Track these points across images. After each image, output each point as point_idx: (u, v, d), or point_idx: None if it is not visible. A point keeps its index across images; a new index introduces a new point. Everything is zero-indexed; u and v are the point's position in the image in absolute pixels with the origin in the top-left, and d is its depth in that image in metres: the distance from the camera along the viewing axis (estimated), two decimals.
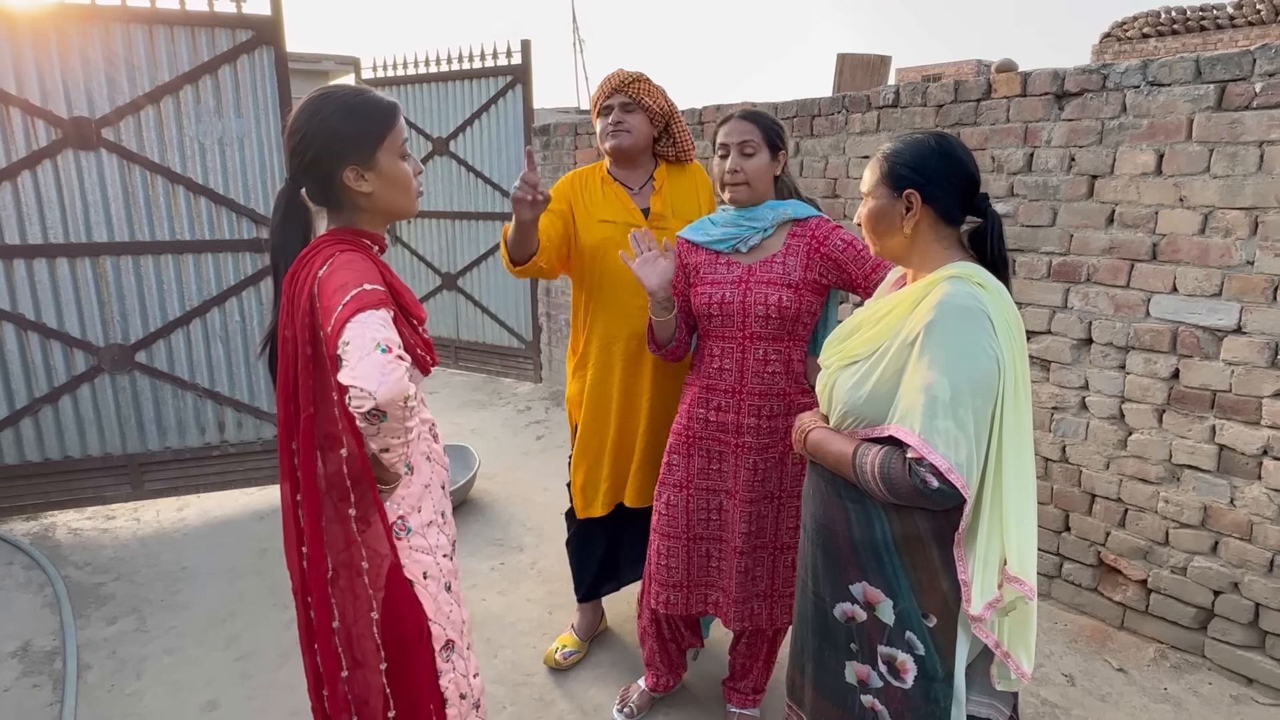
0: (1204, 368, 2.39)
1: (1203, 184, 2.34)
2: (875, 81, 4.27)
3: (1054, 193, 2.68)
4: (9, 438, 3.40)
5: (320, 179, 1.37)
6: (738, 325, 1.91)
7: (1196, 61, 2.31)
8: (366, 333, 1.18)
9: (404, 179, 1.41)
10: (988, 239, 1.38)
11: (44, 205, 3.28)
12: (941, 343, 1.26)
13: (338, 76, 10.68)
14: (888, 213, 1.40)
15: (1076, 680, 2.45)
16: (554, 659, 2.50)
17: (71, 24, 3.20)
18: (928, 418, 1.25)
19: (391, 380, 1.15)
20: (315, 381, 1.28)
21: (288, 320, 1.33)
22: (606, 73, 2.29)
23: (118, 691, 2.39)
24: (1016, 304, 1.42)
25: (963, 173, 1.37)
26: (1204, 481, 2.43)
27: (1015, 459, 1.27)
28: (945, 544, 1.33)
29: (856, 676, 1.47)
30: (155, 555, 3.23)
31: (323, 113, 1.34)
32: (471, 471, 3.75)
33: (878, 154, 1.43)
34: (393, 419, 1.18)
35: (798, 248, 1.93)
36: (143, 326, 3.50)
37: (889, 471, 1.30)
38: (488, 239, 5.66)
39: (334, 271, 1.28)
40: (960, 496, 1.25)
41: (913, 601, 1.37)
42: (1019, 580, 1.25)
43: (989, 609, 1.27)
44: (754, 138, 1.89)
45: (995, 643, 1.32)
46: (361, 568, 1.32)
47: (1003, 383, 1.26)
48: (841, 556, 1.44)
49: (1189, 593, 2.49)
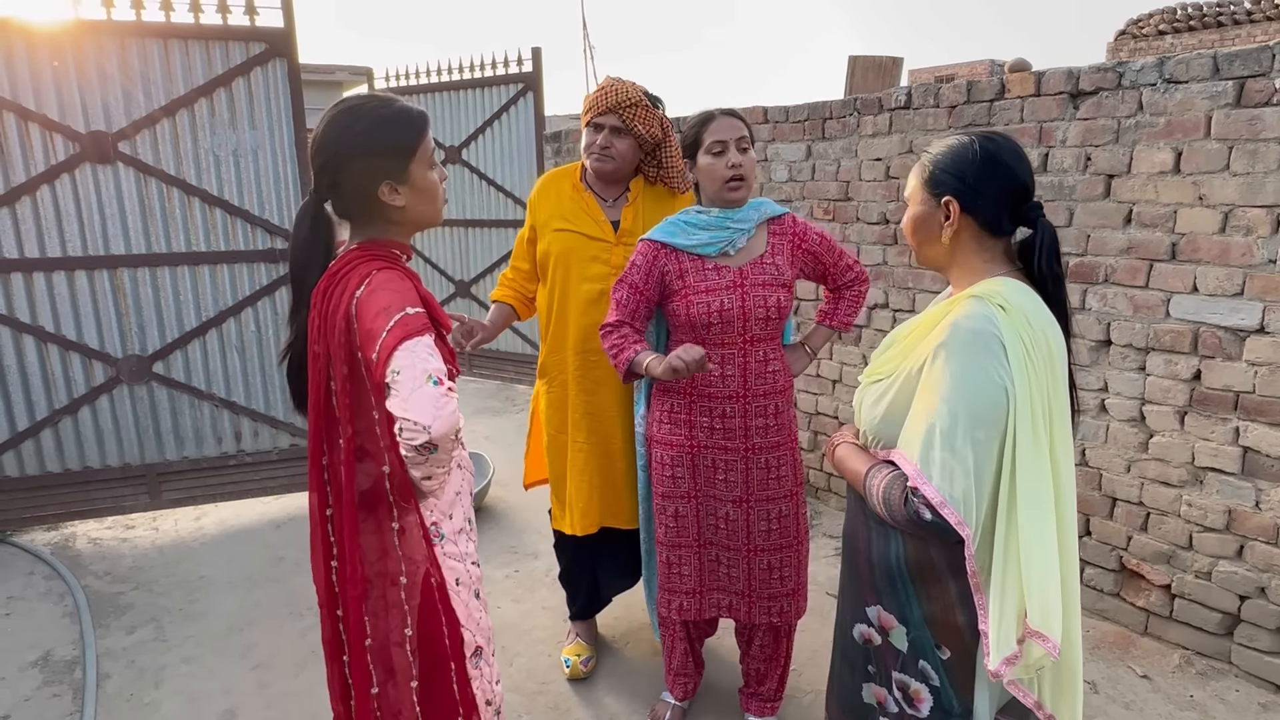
0: (1226, 369, 2.35)
1: (1222, 182, 2.30)
2: (887, 83, 4.25)
3: (1070, 193, 2.64)
4: (30, 449, 3.44)
5: (355, 196, 1.34)
6: (737, 331, 1.88)
7: (1214, 58, 2.28)
8: (417, 363, 1.17)
9: (434, 189, 1.40)
10: (1036, 253, 1.25)
11: (63, 219, 3.33)
12: (947, 368, 1.19)
13: (351, 87, 10.78)
14: (928, 220, 1.30)
15: (1100, 687, 2.41)
16: (579, 670, 2.48)
17: (88, 39, 3.24)
18: (925, 447, 1.19)
19: (445, 414, 1.15)
20: (353, 400, 1.28)
21: (319, 337, 1.32)
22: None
23: (136, 701, 2.41)
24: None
25: (1009, 180, 1.25)
26: (1228, 484, 2.38)
27: (1033, 499, 1.15)
28: (961, 576, 1.23)
29: (874, 698, 1.43)
30: (173, 564, 3.25)
31: (354, 128, 1.31)
32: (486, 479, 3.75)
33: (922, 157, 1.33)
34: (443, 451, 1.18)
35: (780, 246, 1.93)
36: (160, 338, 3.54)
37: (889, 498, 1.25)
38: (500, 246, 5.67)
39: (373, 292, 1.26)
40: (956, 533, 1.16)
41: (925, 631, 1.30)
42: (1041, 635, 1.12)
43: (1006, 665, 1.15)
44: (746, 134, 1.89)
45: (1036, 703, 1.22)
46: (399, 580, 1.33)
47: (1013, 415, 1.15)
48: (860, 576, 1.40)
49: (1214, 598, 2.45)
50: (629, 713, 2.34)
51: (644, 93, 2.18)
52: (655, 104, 2.21)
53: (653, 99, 2.21)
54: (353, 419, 1.29)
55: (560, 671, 2.52)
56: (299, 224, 1.38)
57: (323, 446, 1.34)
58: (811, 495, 3.76)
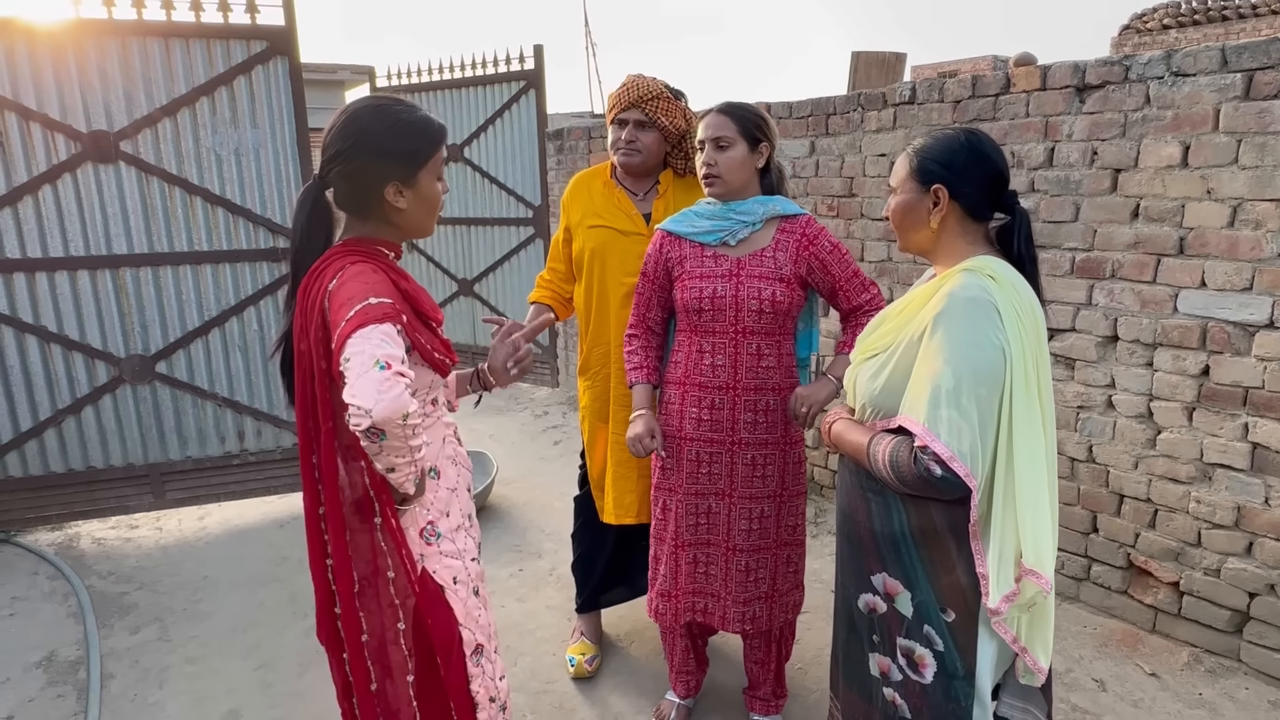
0: (1235, 364, 2.33)
1: (1231, 175, 2.28)
2: (891, 79, 4.23)
3: (1076, 187, 2.62)
4: (33, 449, 3.44)
5: (360, 189, 1.36)
6: (729, 320, 1.88)
7: (1223, 50, 2.26)
8: (367, 349, 1.16)
9: (436, 200, 1.42)
10: (1014, 236, 1.39)
11: (65, 218, 3.32)
12: (947, 333, 1.28)
13: (354, 86, 10.77)
14: (915, 207, 1.42)
15: (1107, 685, 2.40)
16: (583, 669, 2.47)
17: (89, 39, 3.23)
18: (932, 406, 1.27)
19: (388, 398, 1.13)
20: (332, 395, 1.28)
21: (302, 334, 1.32)
22: (621, 77, 2.26)
23: (140, 701, 2.40)
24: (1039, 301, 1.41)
25: (991, 169, 1.38)
26: (1237, 481, 2.36)
27: (1027, 450, 1.27)
28: (962, 538, 1.34)
29: (879, 669, 1.48)
30: (177, 564, 3.25)
31: (376, 126, 1.33)
32: (490, 477, 3.74)
33: (908, 149, 1.45)
34: (392, 437, 1.16)
35: (787, 243, 1.92)
36: (163, 337, 3.53)
37: (897, 460, 1.32)
38: (503, 245, 5.67)
39: (343, 284, 1.27)
40: (965, 486, 1.26)
41: (930, 595, 1.37)
42: (1035, 573, 1.25)
43: (1006, 602, 1.27)
44: (728, 132, 1.87)
45: (1013, 638, 1.33)
46: (389, 576, 1.32)
47: (1010, 373, 1.26)
48: (864, 547, 1.47)
49: (1223, 595, 2.43)
50: (634, 712, 2.33)
51: (665, 86, 2.21)
52: (677, 96, 2.23)
53: (674, 92, 2.23)
54: (333, 415, 1.28)
55: (565, 671, 2.51)
56: (299, 208, 1.39)
57: (312, 445, 1.33)
58: (817, 493, 3.74)
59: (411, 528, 1.38)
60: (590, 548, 2.53)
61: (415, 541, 1.38)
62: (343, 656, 1.40)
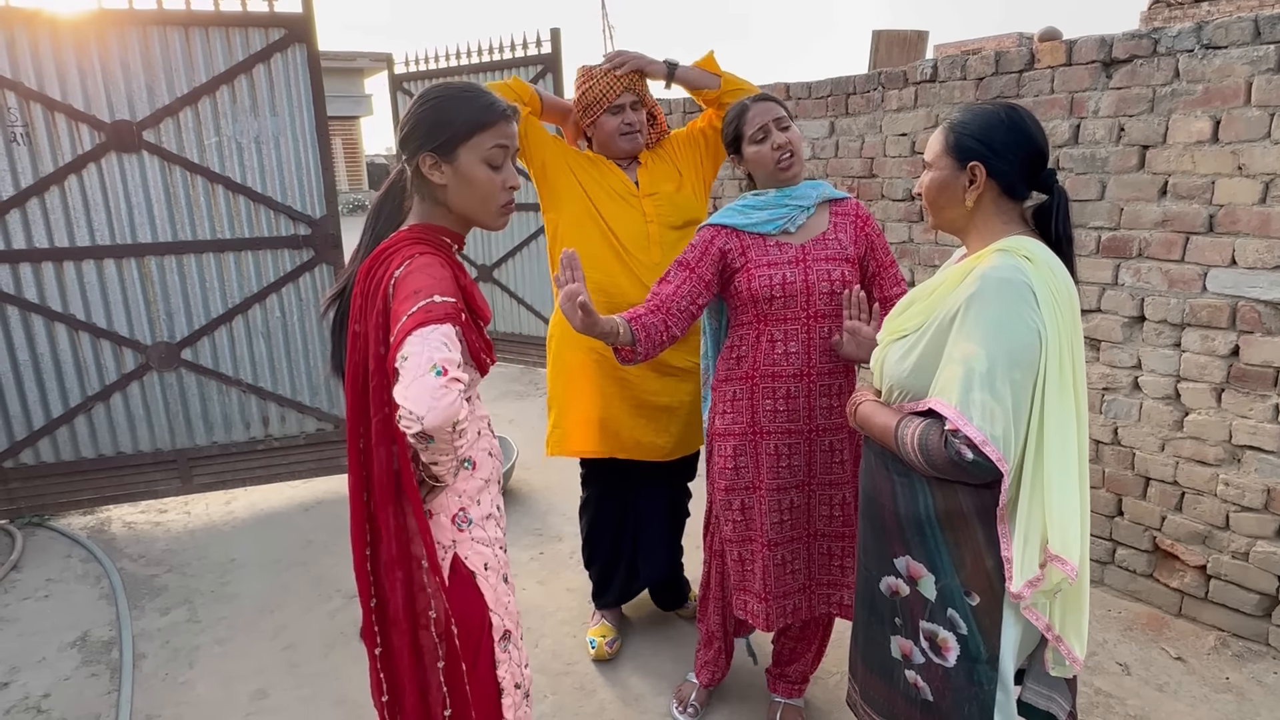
0: (1266, 344, 2.28)
1: (1263, 150, 2.22)
2: (912, 57, 4.16)
3: (1103, 165, 2.57)
4: (64, 435, 3.51)
5: (408, 161, 1.38)
6: (801, 305, 1.86)
7: (1255, 21, 2.19)
8: (425, 351, 1.15)
9: (483, 185, 1.37)
10: (1053, 216, 1.34)
11: (90, 208, 3.37)
12: (981, 315, 1.24)
13: (372, 73, 10.79)
14: (950, 184, 1.37)
15: (1132, 669, 2.38)
16: (604, 651, 2.49)
17: (110, 29, 3.26)
18: (964, 390, 1.24)
19: (442, 406, 1.12)
20: (387, 381, 1.28)
21: (359, 315, 1.33)
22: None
23: (171, 680, 2.46)
24: None
25: (1032, 147, 1.33)
26: (1267, 463, 2.32)
27: (1059, 435, 1.24)
28: (989, 521, 1.31)
29: (900, 651, 1.47)
30: (205, 547, 3.31)
31: (428, 99, 1.36)
32: (510, 462, 3.77)
33: (945, 123, 1.39)
34: (440, 441, 1.17)
35: (844, 225, 1.92)
36: (187, 324, 3.58)
37: (926, 443, 1.29)
38: (522, 230, 5.66)
39: (410, 274, 1.27)
40: (997, 470, 1.23)
41: (954, 578, 1.35)
42: (1061, 559, 1.22)
43: (1029, 587, 1.25)
44: (783, 113, 1.89)
45: (1046, 625, 1.31)
46: (422, 562, 1.34)
47: (1044, 356, 1.23)
48: (887, 530, 1.45)
49: (1251, 578, 2.39)
50: (654, 693, 2.35)
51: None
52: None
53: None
54: (386, 400, 1.28)
55: (585, 652, 2.53)
56: (384, 181, 1.46)
57: (359, 427, 1.34)
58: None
59: (443, 514, 1.39)
60: (596, 517, 2.53)
61: (447, 527, 1.39)
62: (376, 641, 1.41)
